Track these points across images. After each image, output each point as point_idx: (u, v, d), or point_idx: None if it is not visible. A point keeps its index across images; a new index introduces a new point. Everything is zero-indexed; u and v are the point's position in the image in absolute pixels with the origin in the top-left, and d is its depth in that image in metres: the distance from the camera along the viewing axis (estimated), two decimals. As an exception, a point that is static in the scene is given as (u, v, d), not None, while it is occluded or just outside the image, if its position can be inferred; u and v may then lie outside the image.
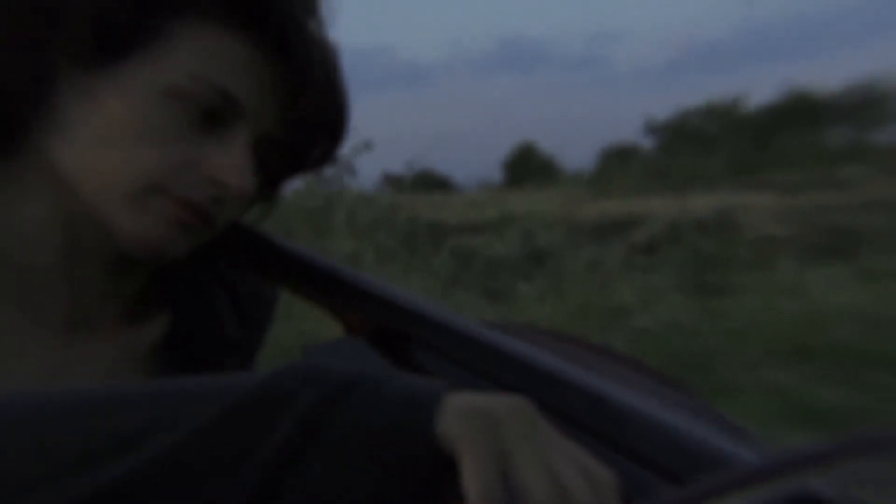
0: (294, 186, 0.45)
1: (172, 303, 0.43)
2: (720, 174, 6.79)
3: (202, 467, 0.22)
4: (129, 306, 0.42)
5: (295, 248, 0.47)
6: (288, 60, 0.37)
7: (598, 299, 3.20)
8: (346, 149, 0.44)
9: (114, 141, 0.36)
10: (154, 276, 0.42)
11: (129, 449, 0.22)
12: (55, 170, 0.37)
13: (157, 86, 0.36)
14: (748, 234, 4.33)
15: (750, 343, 2.46)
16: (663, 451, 0.33)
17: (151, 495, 0.22)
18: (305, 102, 0.38)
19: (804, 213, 4.81)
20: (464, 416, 0.23)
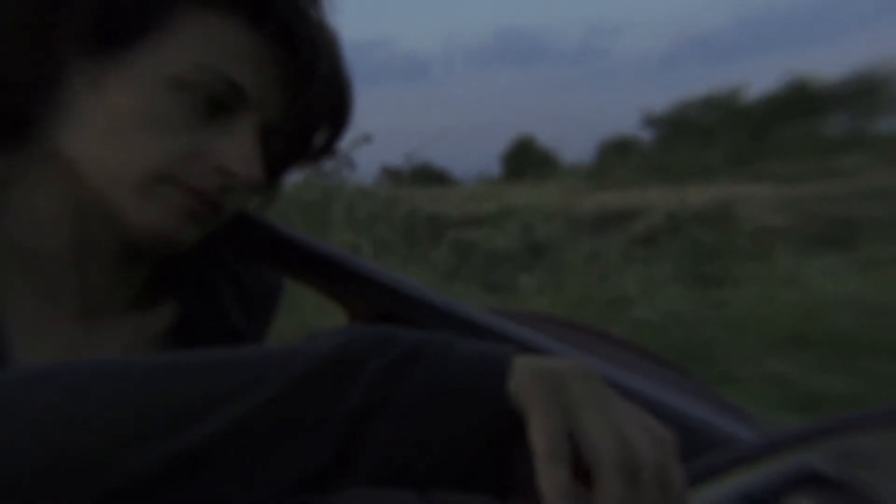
0: (293, 179, 0.46)
1: (179, 292, 0.43)
2: (719, 166, 6.79)
3: (281, 430, 0.23)
4: (137, 295, 0.42)
5: (299, 237, 0.48)
6: (292, 49, 0.37)
7: (597, 291, 3.21)
8: (345, 142, 0.45)
9: (120, 130, 0.36)
10: (161, 265, 0.43)
11: (214, 412, 0.23)
12: (63, 160, 0.38)
13: (162, 75, 0.36)
14: (747, 224, 4.33)
15: (749, 333, 2.48)
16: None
17: (235, 457, 0.23)
18: (310, 91, 0.38)
19: (802, 203, 4.81)
20: (532, 376, 0.24)
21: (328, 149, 0.44)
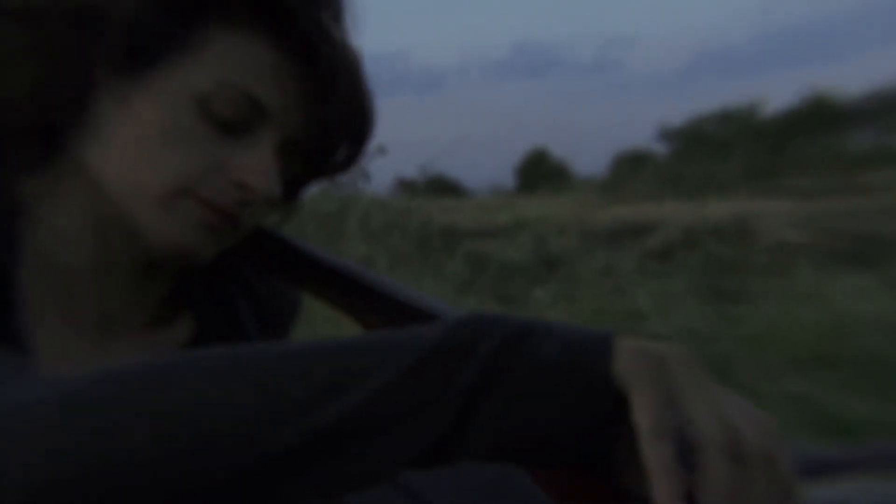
0: (308, 191, 0.46)
1: (196, 307, 0.44)
2: (736, 180, 6.71)
3: (400, 409, 0.25)
4: (156, 310, 0.43)
5: (316, 252, 0.47)
6: (313, 66, 0.38)
7: (611, 304, 3.17)
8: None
9: (144, 146, 0.37)
10: (180, 280, 0.43)
11: (341, 393, 0.25)
12: (88, 175, 0.38)
13: (186, 92, 0.37)
14: (765, 240, 4.26)
15: (769, 350, 2.42)
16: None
17: (360, 435, 0.25)
18: (330, 107, 0.39)
19: (824, 219, 4.70)
20: (635, 355, 0.25)
21: (348, 164, 0.44)
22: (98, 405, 0.25)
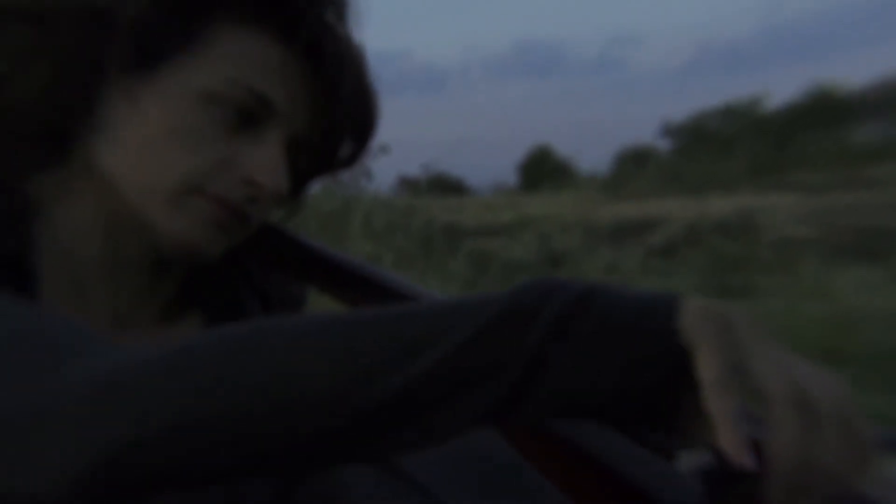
0: (311, 190, 0.46)
1: (205, 304, 0.44)
2: (740, 176, 6.67)
3: (468, 374, 0.26)
4: (165, 308, 0.42)
5: (321, 248, 0.47)
6: (319, 63, 0.38)
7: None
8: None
9: (154, 144, 0.37)
10: (188, 277, 0.43)
11: (417, 355, 0.26)
12: (98, 174, 0.38)
13: (195, 89, 0.37)
14: (770, 235, 4.24)
15: (775, 346, 2.40)
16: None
17: (428, 401, 0.26)
18: (336, 104, 0.39)
19: (830, 213, 4.66)
20: (701, 314, 0.25)
21: (353, 160, 0.44)
22: (194, 366, 0.27)
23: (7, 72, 0.37)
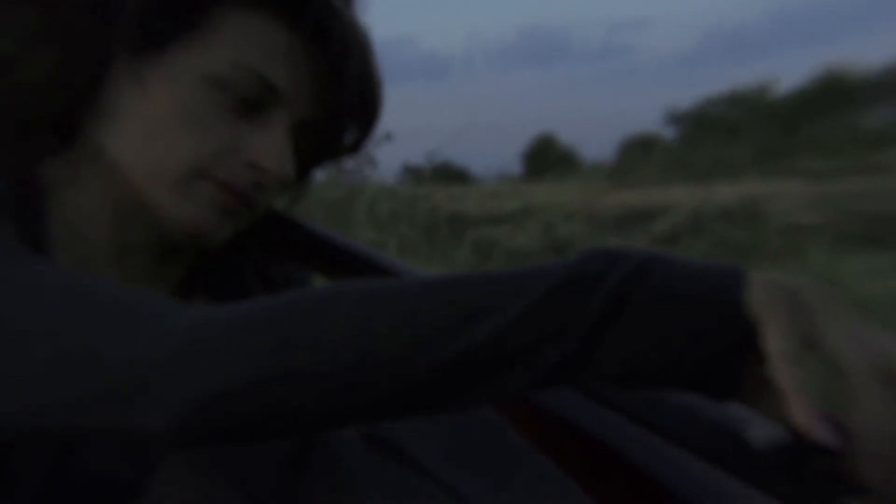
0: (315, 178, 0.46)
1: (211, 290, 0.44)
2: (745, 163, 6.61)
3: (531, 340, 0.26)
4: (174, 292, 0.43)
5: (326, 234, 0.47)
6: (325, 47, 0.38)
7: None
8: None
9: (159, 128, 0.37)
10: (195, 263, 0.43)
11: (478, 322, 0.26)
12: (105, 158, 0.39)
13: (200, 73, 0.37)
14: (777, 222, 4.20)
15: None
16: (701, 432, 0.32)
17: (494, 363, 0.27)
18: (341, 88, 0.39)
19: (839, 199, 4.60)
20: (769, 285, 0.25)
21: (357, 146, 0.44)
22: (274, 323, 0.28)
23: (15, 55, 0.36)
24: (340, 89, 0.39)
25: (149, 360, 0.27)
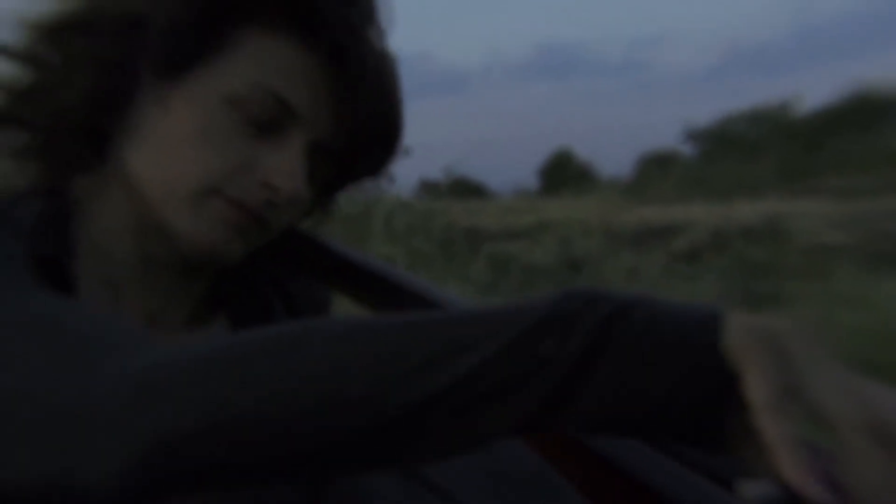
0: (336, 197, 0.46)
1: (231, 307, 0.44)
2: (767, 181, 6.50)
3: (506, 380, 0.25)
4: (195, 309, 0.43)
5: (345, 251, 0.47)
6: (344, 69, 0.38)
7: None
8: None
9: (177, 146, 0.38)
10: (215, 281, 0.43)
11: (455, 359, 0.25)
12: (128, 176, 0.39)
13: (219, 94, 0.37)
14: (801, 241, 4.11)
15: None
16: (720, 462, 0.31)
17: (468, 404, 0.25)
18: (359, 111, 0.39)
19: (866, 219, 4.47)
20: (750, 330, 0.24)
21: (378, 168, 0.43)
22: (235, 364, 0.27)
23: (59, 80, 0.38)
24: (358, 111, 0.38)
25: (95, 407, 0.26)
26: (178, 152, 0.37)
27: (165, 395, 0.26)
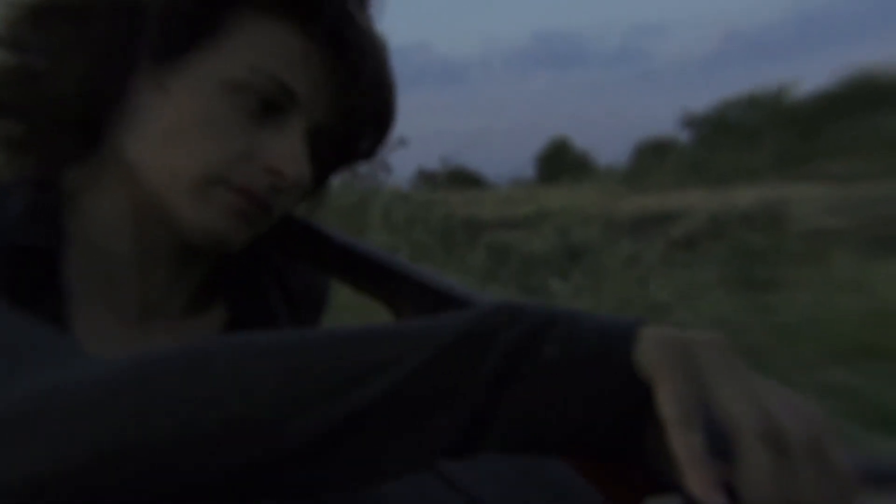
0: (332, 183, 0.46)
1: (230, 295, 0.44)
2: (765, 167, 6.49)
3: (423, 399, 0.24)
4: (191, 299, 0.43)
5: (344, 239, 0.47)
6: (341, 52, 0.38)
7: (637, 294, 3.12)
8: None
9: (179, 134, 0.37)
10: (214, 268, 0.43)
11: (367, 380, 0.24)
12: (126, 164, 0.38)
13: (218, 79, 0.37)
14: (799, 227, 4.11)
15: (806, 340, 2.33)
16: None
17: (381, 426, 0.24)
18: (356, 93, 0.39)
19: (864, 204, 4.47)
20: (660, 344, 0.24)
21: (373, 150, 0.43)
22: (129, 390, 0.25)
23: (47, 68, 0.37)
24: (355, 94, 0.39)
25: None
26: (180, 140, 0.37)
27: (58, 421, 0.24)
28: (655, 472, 0.25)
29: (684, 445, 0.22)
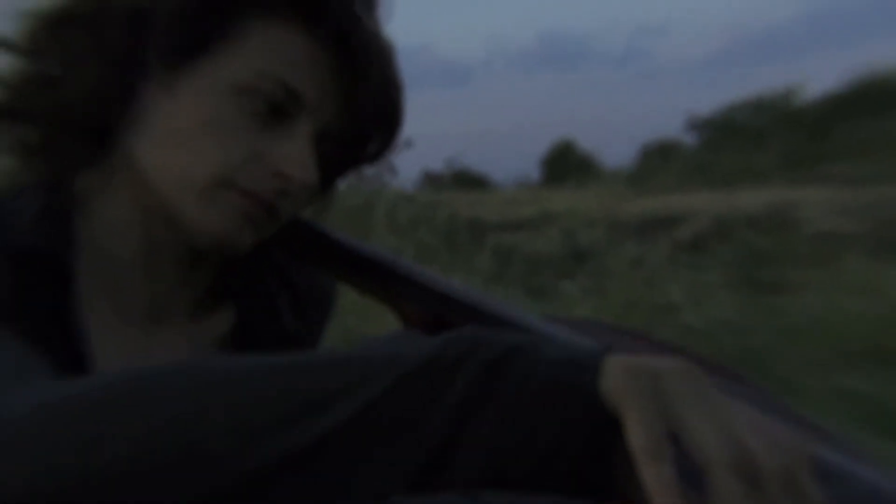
0: (340, 183, 0.46)
1: (237, 297, 0.44)
2: (771, 169, 6.44)
3: (384, 429, 0.24)
4: (199, 299, 0.44)
5: (350, 241, 0.47)
6: (347, 55, 0.38)
7: (643, 296, 3.11)
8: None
9: (187, 137, 0.38)
10: (222, 271, 0.44)
11: (326, 409, 0.24)
12: (135, 168, 0.39)
13: (227, 83, 0.37)
14: (807, 229, 4.07)
15: (814, 343, 2.31)
16: None
17: (340, 456, 0.24)
18: (363, 96, 0.39)
19: (874, 206, 4.41)
20: (626, 373, 0.23)
21: (381, 153, 0.44)
22: (81, 418, 0.25)
23: (63, 74, 0.38)
24: (362, 97, 0.39)
25: None
26: (189, 143, 0.37)
27: (10, 455, 0.24)
28: (627, 502, 0.24)
29: (654, 476, 0.22)
